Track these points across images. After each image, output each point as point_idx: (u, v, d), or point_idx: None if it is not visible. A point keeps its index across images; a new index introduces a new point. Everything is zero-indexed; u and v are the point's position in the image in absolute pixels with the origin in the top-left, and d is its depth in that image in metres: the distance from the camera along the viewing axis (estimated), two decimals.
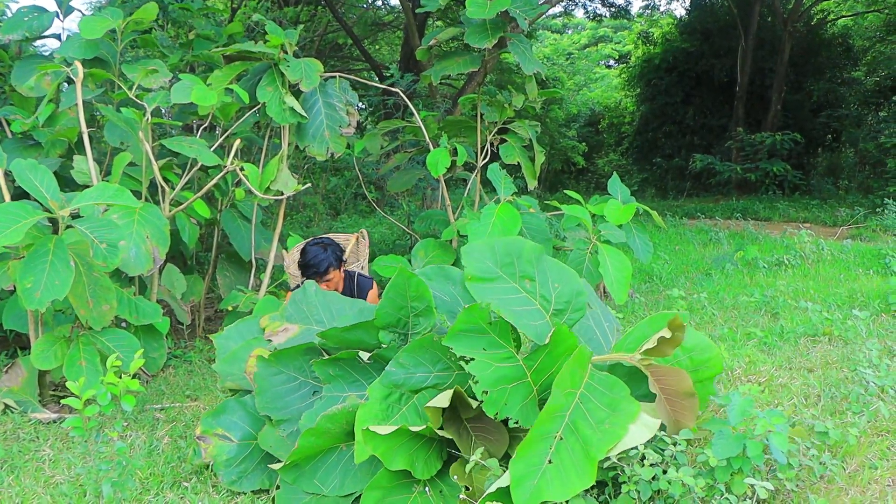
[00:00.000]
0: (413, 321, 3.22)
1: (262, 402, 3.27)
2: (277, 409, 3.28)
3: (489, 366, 2.86)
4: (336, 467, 3.07)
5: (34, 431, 3.93)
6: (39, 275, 3.61)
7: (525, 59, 5.98)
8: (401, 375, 2.97)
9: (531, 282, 3.06)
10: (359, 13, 19.10)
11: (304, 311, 3.72)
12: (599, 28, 33.36)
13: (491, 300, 2.95)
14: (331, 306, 3.77)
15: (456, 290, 3.43)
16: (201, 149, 4.87)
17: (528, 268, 3.12)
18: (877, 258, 7.56)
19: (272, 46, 5.24)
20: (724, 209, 15.85)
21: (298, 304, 3.75)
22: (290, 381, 3.35)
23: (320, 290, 3.84)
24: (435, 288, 3.39)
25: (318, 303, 3.75)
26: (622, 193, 5.64)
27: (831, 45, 21.74)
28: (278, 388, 3.32)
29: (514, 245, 3.19)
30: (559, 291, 3.08)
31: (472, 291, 3.04)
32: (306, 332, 3.63)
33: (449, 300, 3.41)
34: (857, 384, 3.83)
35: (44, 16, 5.35)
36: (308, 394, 3.34)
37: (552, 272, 3.14)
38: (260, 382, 3.30)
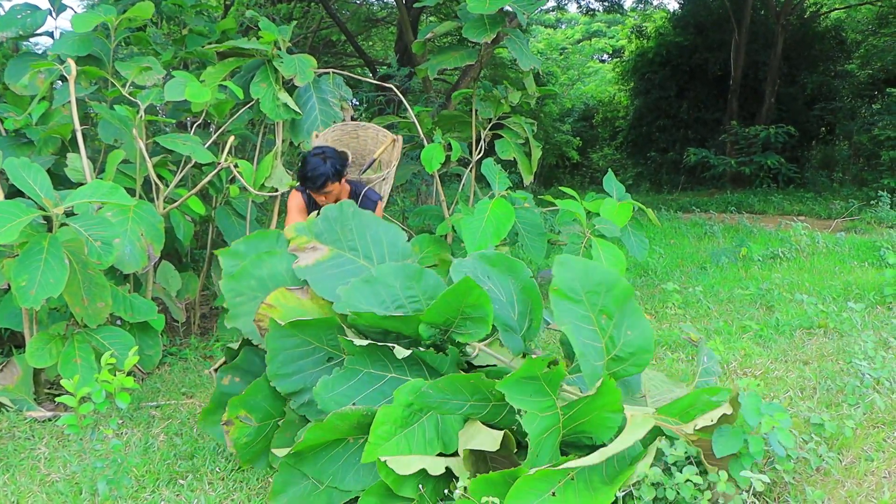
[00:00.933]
0: (460, 322, 3.08)
1: (272, 369, 3.13)
2: (288, 374, 3.14)
3: (535, 417, 2.71)
4: (339, 459, 2.98)
5: (29, 430, 3.92)
6: (34, 273, 3.60)
7: (522, 54, 5.98)
8: (435, 399, 2.77)
9: (608, 319, 2.85)
10: (352, 9, 19.06)
11: (336, 232, 3.51)
12: (593, 23, 33.35)
13: (566, 322, 2.80)
14: (368, 232, 3.53)
15: (515, 286, 3.24)
16: (195, 146, 4.86)
17: (611, 305, 2.87)
18: (871, 250, 7.59)
19: (265, 43, 5.22)
20: (719, 203, 15.87)
21: (332, 221, 3.52)
22: (304, 346, 3.19)
23: (358, 209, 3.59)
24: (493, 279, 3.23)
25: (354, 226, 3.53)
26: (617, 190, 5.64)
27: (824, 38, 21.75)
28: (290, 352, 3.16)
29: (608, 277, 2.92)
30: (628, 339, 2.87)
31: (553, 303, 2.83)
32: (338, 259, 3.42)
33: (504, 298, 3.23)
34: (853, 376, 3.84)
35: (37, 13, 5.33)
36: (322, 359, 3.20)
37: (631, 317, 2.90)
38: (272, 346, 3.14)
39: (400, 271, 3.23)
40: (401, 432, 2.77)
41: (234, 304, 3.50)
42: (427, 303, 3.15)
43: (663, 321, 5.59)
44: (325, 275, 3.37)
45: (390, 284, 3.20)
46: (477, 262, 3.23)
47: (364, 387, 3.01)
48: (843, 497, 2.86)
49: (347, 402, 2.96)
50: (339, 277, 3.36)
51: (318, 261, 3.38)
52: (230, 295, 3.47)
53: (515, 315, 3.18)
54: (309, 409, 3.14)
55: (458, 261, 3.23)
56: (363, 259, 3.48)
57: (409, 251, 3.55)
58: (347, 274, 3.38)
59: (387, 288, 3.19)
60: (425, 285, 3.22)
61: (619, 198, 5.52)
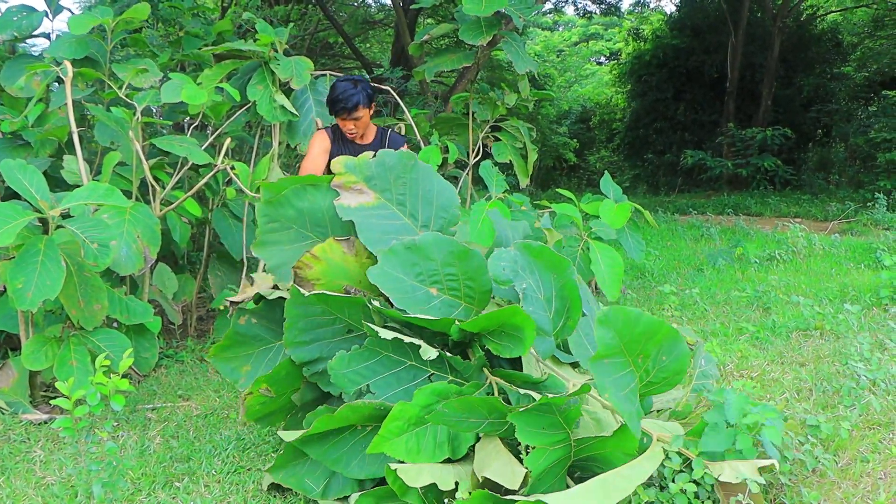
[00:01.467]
0: (496, 333, 2.96)
1: (290, 337, 3.03)
2: (305, 343, 3.05)
3: (544, 452, 2.61)
4: (346, 444, 2.92)
5: (25, 432, 3.91)
6: (30, 275, 3.59)
7: (518, 57, 5.99)
8: (451, 418, 2.63)
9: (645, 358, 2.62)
10: (349, 11, 19.08)
11: (388, 181, 3.34)
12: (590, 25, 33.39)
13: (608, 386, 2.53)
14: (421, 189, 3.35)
15: (556, 283, 3.05)
16: (192, 148, 4.85)
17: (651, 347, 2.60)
18: (868, 252, 7.59)
19: (262, 45, 5.23)
20: (716, 205, 15.88)
21: (386, 169, 3.35)
22: (325, 314, 3.06)
23: (418, 161, 3.41)
24: (534, 274, 3.06)
25: (408, 179, 3.35)
26: (614, 192, 5.63)
27: (821, 40, 21.80)
28: (310, 320, 3.05)
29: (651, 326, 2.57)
30: (663, 365, 2.65)
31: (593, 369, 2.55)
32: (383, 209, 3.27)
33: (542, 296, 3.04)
34: (849, 378, 3.85)
35: (33, 15, 5.33)
36: (342, 330, 3.10)
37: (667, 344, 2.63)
38: (291, 313, 3.02)
39: (444, 245, 3.08)
40: (412, 430, 2.71)
41: (265, 231, 3.38)
42: (465, 284, 3.05)
43: None
44: (370, 223, 3.23)
45: (432, 257, 3.07)
46: (520, 254, 3.07)
47: (382, 369, 2.93)
48: (838, 498, 2.86)
49: (362, 382, 2.90)
50: (382, 229, 3.24)
51: (362, 205, 3.25)
52: (263, 221, 3.35)
53: (551, 313, 3.04)
54: (322, 378, 3.08)
55: (500, 250, 3.07)
56: (408, 217, 3.33)
57: (456, 219, 3.38)
58: (391, 229, 3.25)
59: (427, 261, 3.07)
60: (467, 266, 3.07)
61: (616, 199, 5.51)
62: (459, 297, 3.10)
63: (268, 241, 3.39)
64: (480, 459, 2.73)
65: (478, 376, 3.00)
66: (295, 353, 3.06)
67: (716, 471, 2.54)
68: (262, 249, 3.39)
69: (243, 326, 3.49)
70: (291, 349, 3.06)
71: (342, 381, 2.89)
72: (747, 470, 2.48)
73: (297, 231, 3.38)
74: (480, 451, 2.77)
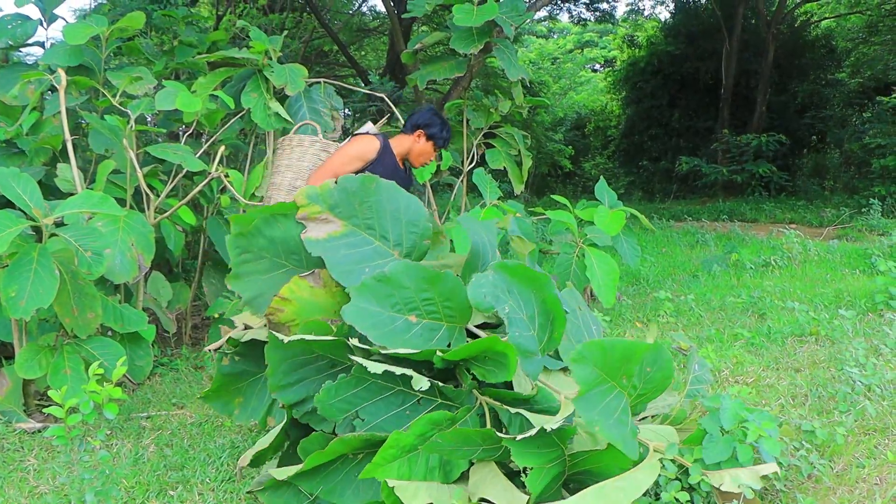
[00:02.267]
0: (480, 360, 2.91)
1: (274, 382, 2.99)
2: (291, 384, 3.00)
3: (541, 472, 2.60)
4: (339, 474, 2.89)
5: (19, 441, 3.90)
6: (24, 283, 3.59)
7: (510, 64, 6.00)
8: (445, 447, 2.63)
9: (628, 378, 2.57)
10: (344, 19, 19.10)
11: (354, 207, 3.24)
12: (585, 33, 33.47)
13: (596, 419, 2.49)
14: (388, 209, 3.26)
15: (537, 299, 3.00)
16: (186, 155, 4.85)
17: (633, 368, 2.56)
18: (863, 258, 7.60)
19: (256, 52, 5.23)
20: (711, 211, 15.90)
21: (350, 195, 3.25)
22: (307, 353, 3.02)
23: (381, 182, 3.30)
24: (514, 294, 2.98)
25: (374, 202, 3.26)
26: (609, 198, 5.64)
27: (815, 46, 21.89)
28: (292, 361, 3.00)
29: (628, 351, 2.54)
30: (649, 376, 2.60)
31: (577, 407, 2.50)
32: (352, 237, 3.21)
33: (525, 315, 2.98)
34: (844, 383, 3.84)
35: (27, 23, 5.33)
36: (326, 366, 3.05)
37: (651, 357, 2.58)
38: (272, 358, 2.97)
39: (414, 272, 3.03)
40: (404, 456, 2.68)
41: (239, 263, 3.34)
42: (444, 306, 3.01)
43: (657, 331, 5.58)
44: (339, 254, 3.18)
45: (404, 285, 3.01)
46: (498, 276, 2.99)
47: (369, 395, 2.89)
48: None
49: (350, 410, 2.86)
50: (353, 259, 3.19)
51: (330, 235, 3.20)
52: (235, 252, 3.32)
53: (535, 330, 3.00)
54: (312, 417, 3.03)
55: (478, 276, 2.98)
56: (379, 239, 3.28)
57: (428, 231, 3.33)
58: (362, 256, 3.21)
59: (401, 289, 3.01)
60: (442, 288, 3.03)
61: (611, 205, 5.52)
62: (440, 319, 3.06)
63: (242, 273, 3.35)
64: (476, 483, 2.72)
65: (468, 398, 2.97)
66: (281, 395, 3.02)
67: (715, 480, 2.53)
68: (236, 282, 3.35)
69: (228, 367, 3.48)
70: (277, 393, 3.02)
71: (330, 411, 2.85)
72: (748, 477, 2.47)
73: (271, 260, 3.34)
74: (475, 474, 2.76)
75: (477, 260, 3.34)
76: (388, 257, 3.25)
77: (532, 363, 2.97)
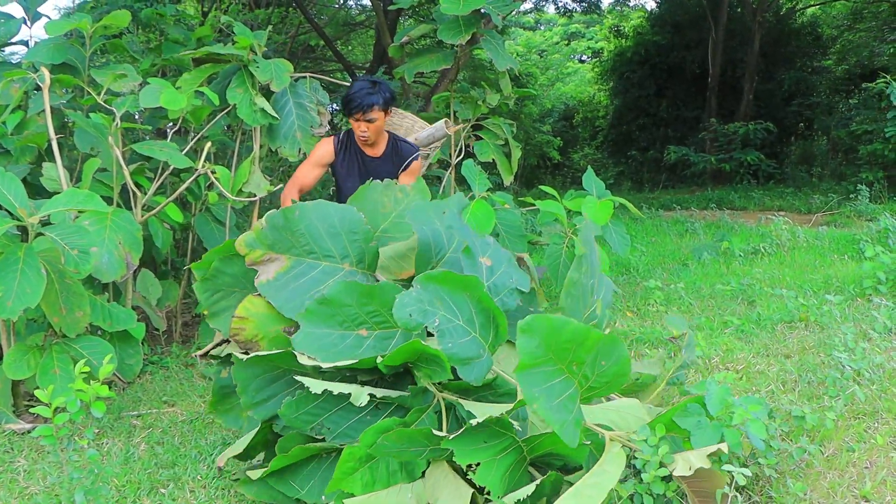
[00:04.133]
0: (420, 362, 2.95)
1: (246, 400, 3.03)
2: (263, 401, 3.05)
3: (492, 464, 2.61)
4: (315, 474, 2.97)
5: (8, 442, 3.88)
6: (10, 283, 3.57)
7: (498, 55, 5.99)
8: (392, 449, 2.65)
9: (579, 365, 2.52)
10: (330, 13, 19.04)
11: (287, 240, 3.27)
12: (571, 24, 33.42)
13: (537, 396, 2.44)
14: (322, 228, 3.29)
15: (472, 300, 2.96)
16: (172, 152, 4.83)
17: (583, 354, 2.51)
18: (851, 243, 7.63)
19: (241, 48, 5.20)
20: (700, 200, 15.92)
21: (280, 230, 3.27)
22: (273, 370, 3.06)
23: (302, 207, 3.31)
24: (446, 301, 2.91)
25: (304, 227, 3.27)
26: (597, 188, 5.63)
27: (800, 34, 21.90)
28: (261, 379, 3.05)
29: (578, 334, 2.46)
30: (603, 369, 2.55)
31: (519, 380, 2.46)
32: (298, 266, 3.24)
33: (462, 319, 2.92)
34: (834, 368, 3.86)
35: (11, 22, 5.29)
36: (291, 381, 3.05)
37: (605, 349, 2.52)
38: (240, 378, 3.02)
39: (352, 288, 3.08)
40: (364, 466, 2.75)
41: (211, 303, 3.41)
42: (390, 314, 2.93)
43: (645, 318, 5.60)
44: (287, 290, 3.22)
45: (346, 303, 3.06)
46: (423, 291, 2.90)
47: (329, 405, 2.93)
48: (825, 488, 2.87)
49: (315, 421, 2.92)
50: (302, 289, 3.23)
51: (279, 272, 3.23)
52: (206, 296, 3.38)
53: (476, 330, 2.96)
54: (287, 430, 3.06)
55: (401, 297, 2.89)
56: (324, 259, 3.31)
57: (369, 232, 3.36)
58: (311, 283, 3.26)
59: (344, 307, 3.06)
60: (382, 300, 3.07)
61: (600, 195, 5.51)
62: (392, 326, 3.07)
63: (217, 311, 3.41)
64: (431, 486, 2.78)
65: (423, 398, 3.00)
66: (256, 412, 3.07)
67: (670, 466, 2.53)
68: (215, 320, 3.41)
69: (225, 379, 3.47)
70: (252, 410, 3.06)
71: (297, 423, 2.91)
72: (697, 459, 2.45)
73: (242, 293, 3.36)
74: (430, 477, 2.82)
75: (429, 252, 3.36)
76: (340, 273, 3.30)
77: (474, 367, 2.92)
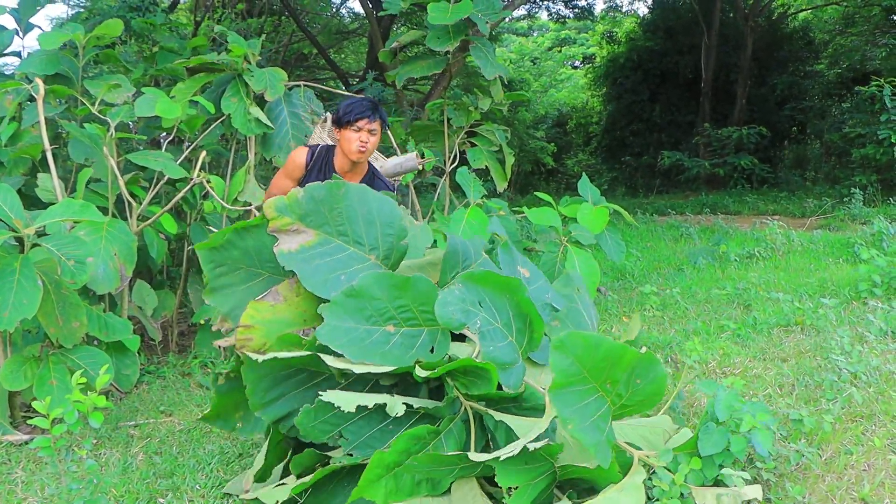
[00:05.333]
0: (463, 373, 2.84)
1: (255, 401, 2.91)
2: (272, 401, 2.92)
3: (527, 489, 2.58)
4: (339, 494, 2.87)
5: (6, 454, 3.86)
6: (7, 294, 3.56)
7: (487, 62, 6.01)
8: (423, 469, 2.61)
9: (613, 384, 2.50)
10: (323, 22, 19.07)
11: (324, 214, 3.14)
12: (562, 30, 33.50)
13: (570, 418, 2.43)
14: (360, 212, 3.16)
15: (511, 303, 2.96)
16: (167, 162, 4.82)
17: (618, 373, 2.49)
18: (845, 247, 7.66)
19: (235, 56, 5.21)
20: (694, 205, 15.96)
21: (319, 203, 3.14)
22: (285, 369, 2.94)
23: (349, 187, 3.20)
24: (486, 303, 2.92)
25: (344, 207, 3.14)
26: (592, 195, 5.64)
27: (793, 38, 21.99)
28: (271, 377, 2.92)
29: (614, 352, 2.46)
30: (637, 388, 2.52)
31: (552, 399, 2.44)
32: (326, 245, 3.11)
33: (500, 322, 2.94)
34: (830, 371, 3.87)
35: (3, 33, 5.29)
36: (305, 379, 2.97)
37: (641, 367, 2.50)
38: (250, 378, 2.90)
39: (384, 280, 2.96)
40: (390, 474, 2.62)
41: (214, 276, 3.26)
42: (420, 311, 2.91)
43: (642, 323, 5.60)
44: (312, 265, 3.08)
45: (376, 296, 2.93)
46: (466, 290, 2.90)
47: (351, 414, 2.78)
48: (823, 491, 2.87)
49: (333, 431, 2.80)
50: (327, 269, 3.09)
51: (303, 246, 3.10)
52: (209, 266, 3.23)
53: (514, 335, 2.95)
54: (296, 432, 2.91)
55: (445, 292, 2.89)
56: (353, 245, 3.18)
57: (404, 232, 3.24)
58: (336, 264, 3.11)
59: (373, 301, 2.93)
60: (415, 293, 2.95)
61: (595, 201, 5.52)
62: (419, 324, 2.98)
63: (218, 287, 3.28)
64: (456, 502, 2.70)
65: (451, 407, 2.90)
66: (264, 413, 2.95)
67: (699, 498, 2.51)
68: (213, 296, 3.28)
69: (224, 385, 3.32)
70: (260, 411, 2.94)
71: (313, 433, 2.79)
72: (731, 500, 2.45)
73: (248, 271, 3.26)
74: (456, 491, 2.73)
75: (456, 258, 3.27)
76: (365, 262, 3.17)
77: (511, 373, 2.91)
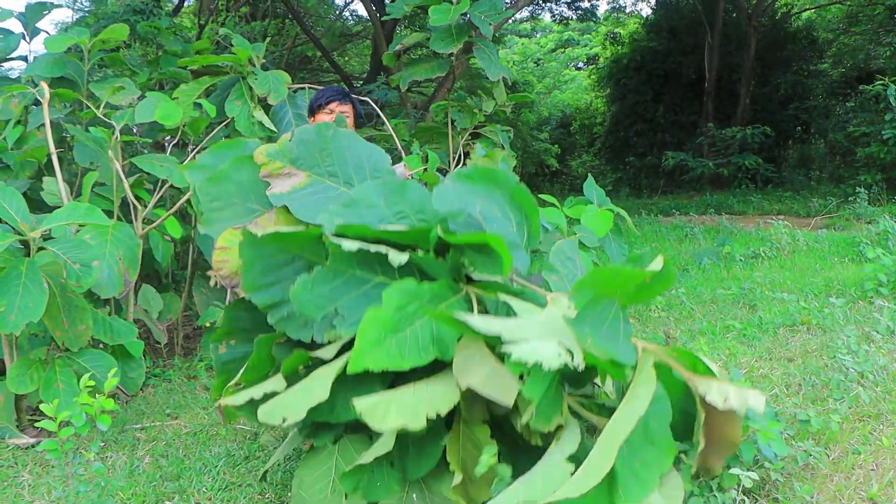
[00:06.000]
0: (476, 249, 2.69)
1: (248, 280, 2.80)
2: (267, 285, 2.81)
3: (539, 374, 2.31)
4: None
5: (12, 457, 3.87)
6: (13, 298, 3.57)
7: (490, 64, 6.01)
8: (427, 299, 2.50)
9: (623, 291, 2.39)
10: (327, 25, 19.09)
11: (314, 156, 3.12)
12: (565, 32, 33.49)
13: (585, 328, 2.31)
14: (350, 155, 3.13)
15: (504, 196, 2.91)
16: (172, 167, 4.83)
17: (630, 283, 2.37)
18: (851, 246, 7.63)
19: (238, 59, 5.21)
20: (699, 205, 15.93)
21: (308, 145, 3.13)
22: (284, 254, 2.85)
23: (337, 130, 3.18)
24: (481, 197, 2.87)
25: (333, 149, 3.13)
26: (598, 196, 5.63)
27: (796, 38, 21.95)
28: (269, 261, 2.83)
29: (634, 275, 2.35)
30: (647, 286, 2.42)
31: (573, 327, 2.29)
32: (316, 185, 3.08)
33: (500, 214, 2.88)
34: (837, 371, 3.86)
35: (10, 38, 5.31)
36: (303, 267, 2.83)
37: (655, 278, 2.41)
38: (247, 257, 2.80)
39: (381, 187, 2.90)
40: (391, 337, 2.43)
41: (210, 209, 3.18)
42: (418, 218, 2.84)
43: (647, 324, 5.60)
44: (303, 201, 3.05)
45: (374, 204, 2.87)
46: (459, 186, 2.88)
47: (348, 289, 2.71)
48: (831, 491, 2.86)
49: (329, 305, 2.67)
50: (318, 203, 3.04)
51: (295, 188, 3.07)
52: (206, 199, 3.16)
53: (514, 226, 2.89)
54: (288, 323, 2.82)
55: (437, 190, 2.87)
56: (343, 185, 3.14)
57: (393, 175, 3.17)
58: (327, 200, 3.05)
59: (370, 208, 2.86)
60: (411, 197, 2.88)
61: (600, 203, 5.51)
62: None
63: (213, 219, 3.19)
64: (461, 364, 2.46)
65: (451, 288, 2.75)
66: (256, 297, 2.83)
67: (701, 388, 2.35)
68: (208, 227, 3.18)
69: (226, 354, 3.22)
70: (252, 293, 2.83)
71: (307, 307, 2.65)
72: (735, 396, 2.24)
73: (242, 206, 3.19)
74: (461, 352, 2.49)
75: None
76: None
77: (520, 257, 2.83)
